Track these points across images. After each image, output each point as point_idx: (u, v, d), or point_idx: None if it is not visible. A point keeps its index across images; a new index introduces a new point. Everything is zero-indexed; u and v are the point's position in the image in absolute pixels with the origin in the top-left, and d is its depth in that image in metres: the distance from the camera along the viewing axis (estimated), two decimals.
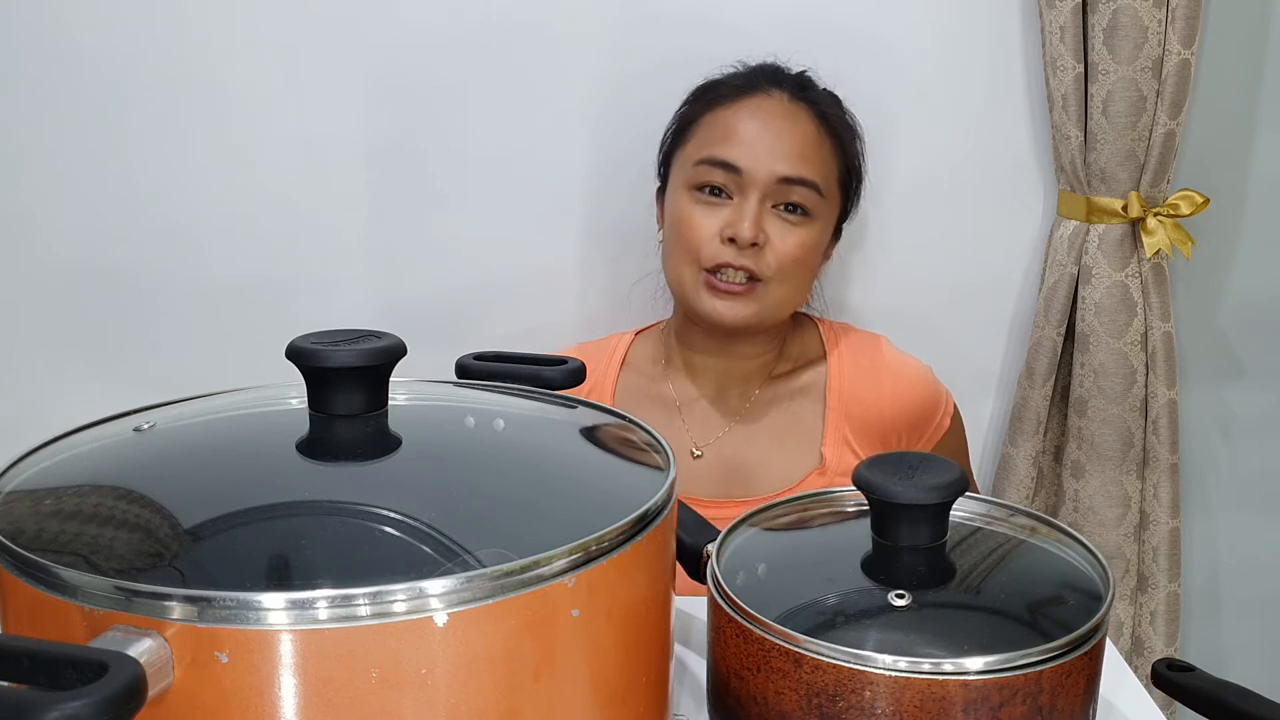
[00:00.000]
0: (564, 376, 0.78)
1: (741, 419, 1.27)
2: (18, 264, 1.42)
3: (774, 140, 1.19)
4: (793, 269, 1.20)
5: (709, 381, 1.28)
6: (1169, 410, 1.45)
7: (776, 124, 1.20)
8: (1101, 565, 0.68)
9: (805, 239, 1.20)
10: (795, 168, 1.19)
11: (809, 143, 1.21)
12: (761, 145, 1.19)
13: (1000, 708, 0.58)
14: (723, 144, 1.20)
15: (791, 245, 1.19)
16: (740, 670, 0.63)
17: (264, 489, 0.59)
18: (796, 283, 1.22)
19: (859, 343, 1.30)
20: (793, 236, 1.19)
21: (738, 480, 1.24)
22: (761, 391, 1.28)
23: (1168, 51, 1.35)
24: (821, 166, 1.21)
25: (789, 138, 1.20)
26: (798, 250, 1.20)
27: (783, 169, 1.18)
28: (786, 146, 1.19)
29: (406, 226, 1.44)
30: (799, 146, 1.20)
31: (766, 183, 1.18)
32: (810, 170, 1.20)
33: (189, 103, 1.39)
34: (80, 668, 0.44)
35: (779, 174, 1.18)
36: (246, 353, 1.42)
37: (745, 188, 1.18)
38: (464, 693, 0.51)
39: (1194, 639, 1.63)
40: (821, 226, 1.22)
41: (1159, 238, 1.41)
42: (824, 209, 1.22)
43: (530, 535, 0.54)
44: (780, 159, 1.18)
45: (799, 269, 1.21)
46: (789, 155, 1.19)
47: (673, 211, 1.24)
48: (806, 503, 0.77)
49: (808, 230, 1.20)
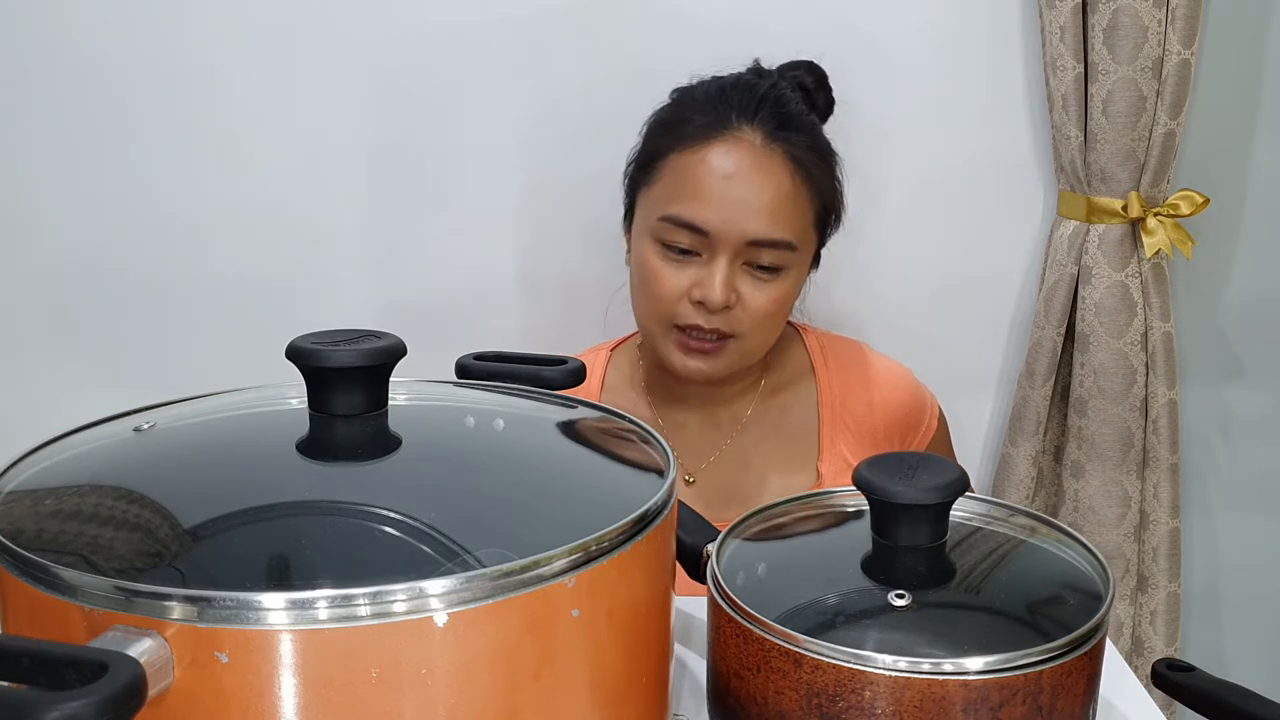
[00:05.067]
0: (564, 376, 0.78)
1: (733, 441, 1.24)
2: (18, 264, 1.42)
3: (743, 195, 1.11)
4: (766, 322, 1.15)
5: (695, 406, 1.24)
6: (1169, 410, 1.45)
7: (746, 176, 1.11)
8: (1101, 565, 0.68)
9: (779, 293, 1.14)
10: (767, 229, 1.11)
11: (782, 196, 1.12)
12: (731, 204, 1.10)
13: (1000, 708, 0.58)
14: (690, 202, 1.11)
15: (763, 302, 1.13)
16: (740, 670, 0.63)
17: (264, 489, 0.59)
18: (770, 330, 1.17)
19: (845, 354, 1.26)
20: (763, 294, 1.13)
21: (733, 505, 1.20)
22: (752, 412, 1.24)
23: (1168, 51, 1.35)
24: (796, 220, 1.14)
25: (759, 193, 1.11)
26: (771, 305, 1.14)
27: (753, 230, 1.10)
28: (757, 203, 1.11)
29: (407, 226, 1.44)
30: (771, 202, 1.11)
31: (736, 245, 1.11)
32: (783, 230, 1.12)
33: (189, 103, 1.39)
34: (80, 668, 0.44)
35: (749, 236, 1.11)
36: (246, 352, 1.42)
37: (714, 248, 1.11)
38: (464, 693, 0.51)
39: (1194, 639, 1.63)
40: (796, 275, 1.16)
41: (1159, 238, 1.41)
42: (798, 260, 1.15)
43: (530, 535, 0.54)
44: (751, 218, 1.10)
45: (772, 321, 1.16)
46: (760, 213, 1.11)
47: (639, 257, 1.17)
48: (807, 503, 0.77)
49: (782, 284, 1.14)
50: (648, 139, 1.20)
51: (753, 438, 1.24)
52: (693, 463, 1.24)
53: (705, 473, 1.23)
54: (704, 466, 1.23)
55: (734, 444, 1.24)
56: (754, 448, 1.23)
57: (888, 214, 1.47)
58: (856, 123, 1.42)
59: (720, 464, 1.23)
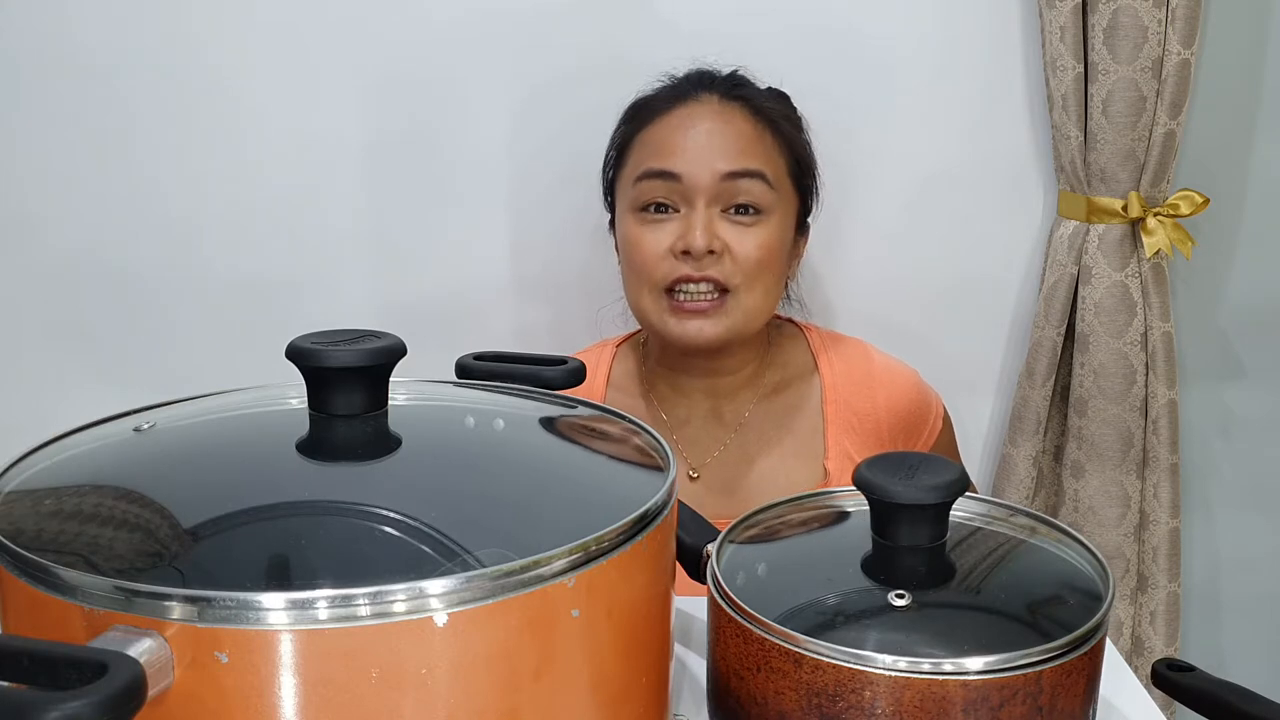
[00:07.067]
0: (564, 376, 0.78)
1: (737, 437, 1.24)
2: (19, 263, 1.42)
3: (708, 140, 1.15)
4: (757, 272, 1.15)
5: (699, 401, 1.25)
6: (1169, 410, 1.45)
7: (708, 125, 1.16)
8: (1101, 565, 0.68)
9: (764, 239, 1.15)
10: (736, 161, 1.14)
11: (746, 137, 1.16)
12: (697, 148, 1.14)
13: (1000, 708, 0.58)
14: (658, 156, 1.16)
15: (751, 247, 1.14)
16: (740, 670, 0.63)
17: (264, 489, 0.59)
18: (765, 287, 1.17)
19: (848, 352, 1.27)
20: (750, 238, 1.15)
21: (738, 500, 1.21)
22: (755, 407, 1.25)
23: (1168, 51, 1.35)
24: (764, 157, 1.16)
25: (724, 135, 1.15)
26: (759, 251, 1.15)
27: (723, 165, 1.14)
28: (722, 143, 1.15)
29: (407, 226, 1.44)
30: (736, 142, 1.15)
31: (710, 185, 1.14)
32: (753, 161, 1.15)
33: (190, 102, 1.39)
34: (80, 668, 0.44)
35: (720, 171, 1.14)
36: (246, 352, 1.42)
37: (690, 195, 1.14)
38: (464, 693, 0.51)
39: (1194, 639, 1.63)
40: (779, 223, 1.17)
41: (1159, 238, 1.41)
42: (778, 204, 1.17)
43: (530, 535, 0.54)
44: (719, 156, 1.14)
45: (764, 271, 1.16)
46: (727, 151, 1.14)
47: (622, 237, 1.20)
48: (806, 503, 0.77)
49: (765, 229, 1.16)
50: (615, 135, 1.25)
51: (756, 434, 1.24)
52: (696, 458, 1.24)
53: (709, 468, 1.24)
54: (708, 462, 1.24)
55: (737, 439, 1.24)
56: (757, 444, 1.24)
57: (888, 214, 1.47)
58: (856, 123, 1.43)
59: (724, 459, 1.24)
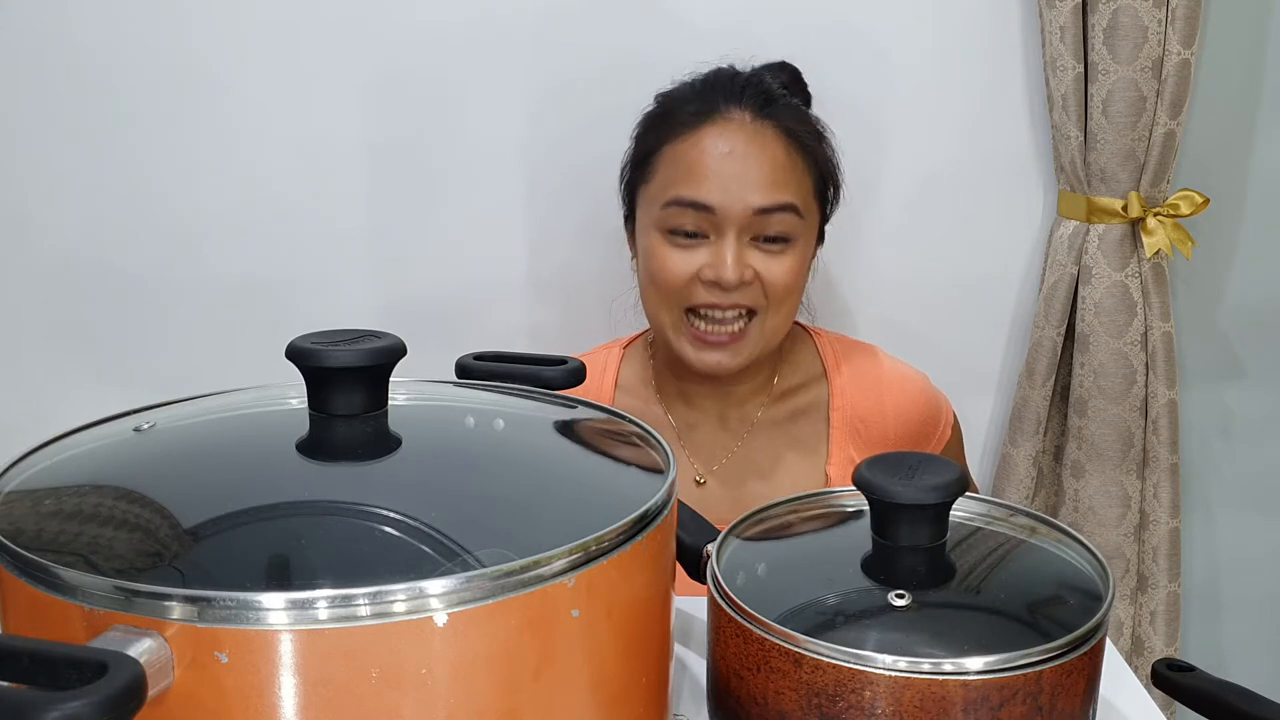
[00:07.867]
0: (564, 376, 0.78)
1: (744, 443, 1.23)
2: (19, 264, 1.42)
3: (742, 169, 1.12)
4: (785, 295, 1.15)
5: (708, 407, 1.24)
6: (1169, 410, 1.45)
7: (742, 151, 1.13)
8: (1101, 565, 0.68)
9: (793, 264, 1.15)
10: (769, 195, 1.12)
11: (779, 166, 1.13)
12: (730, 177, 1.12)
13: (1000, 708, 0.58)
14: (689, 182, 1.13)
15: (779, 274, 1.14)
16: (740, 670, 0.63)
17: (264, 489, 0.59)
18: (790, 307, 1.17)
19: (858, 357, 1.26)
20: (779, 265, 1.14)
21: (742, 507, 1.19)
22: (764, 414, 1.24)
23: (1168, 51, 1.35)
24: (797, 187, 1.15)
25: (758, 164, 1.13)
26: (787, 277, 1.14)
27: (757, 200, 1.12)
28: (756, 174, 1.12)
29: (407, 226, 1.44)
30: (770, 172, 1.13)
31: (742, 217, 1.12)
32: (785, 193, 1.13)
33: (190, 102, 1.39)
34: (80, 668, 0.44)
35: (754, 206, 1.12)
36: (247, 352, 1.42)
37: (721, 225, 1.12)
38: (464, 693, 0.51)
39: (1194, 639, 1.63)
40: (804, 245, 1.17)
41: (1159, 238, 1.41)
42: (804, 228, 1.16)
43: (530, 535, 0.54)
44: (752, 189, 1.12)
45: (791, 295, 1.16)
46: (761, 184, 1.12)
47: (645, 251, 1.18)
48: (807, 503, 0.77)
49: (793, 255, 1.15)
50: (639, 139, 1.21)
51: (763, 440, 1.23)
52: (703, 464, 1.23)
53: (716, 474, 1.23)
54: (715, 469, 1.23)
55: (744, 446, 1.23)
56: (764, 451, 1.23)
57: (888, 214, 1.47)
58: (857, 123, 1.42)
59: (731, 467, 1.23)
